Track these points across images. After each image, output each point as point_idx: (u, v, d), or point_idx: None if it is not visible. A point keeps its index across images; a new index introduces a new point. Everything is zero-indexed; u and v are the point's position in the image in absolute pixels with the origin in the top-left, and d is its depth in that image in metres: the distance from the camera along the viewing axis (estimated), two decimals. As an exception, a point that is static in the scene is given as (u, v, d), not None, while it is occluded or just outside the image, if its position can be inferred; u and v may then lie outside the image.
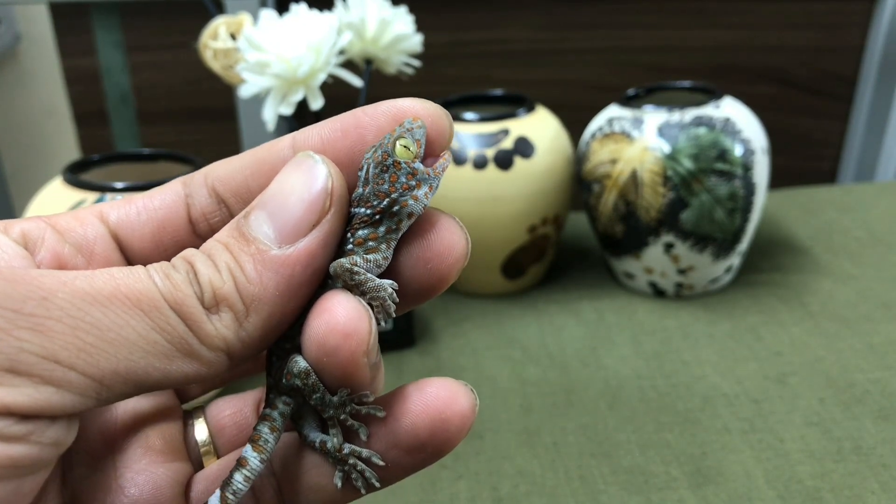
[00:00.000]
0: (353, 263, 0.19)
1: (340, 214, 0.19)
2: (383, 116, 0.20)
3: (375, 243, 0.20)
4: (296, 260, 0.18)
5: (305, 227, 0.18)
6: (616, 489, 0.42)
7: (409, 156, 0.19)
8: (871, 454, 0.43)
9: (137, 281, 0.18)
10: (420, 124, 0.20)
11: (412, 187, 0.20)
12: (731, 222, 0.57)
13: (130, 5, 0.88)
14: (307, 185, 0.19)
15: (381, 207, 0.19)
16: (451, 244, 0.20)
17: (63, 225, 0.21)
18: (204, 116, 0.93)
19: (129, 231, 0.21)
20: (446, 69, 0.93)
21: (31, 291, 0.16)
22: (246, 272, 0.18)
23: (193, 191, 0.21)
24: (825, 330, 0.55)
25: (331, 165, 0.19)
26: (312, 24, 0.49)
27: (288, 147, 0.21)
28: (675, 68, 0.96)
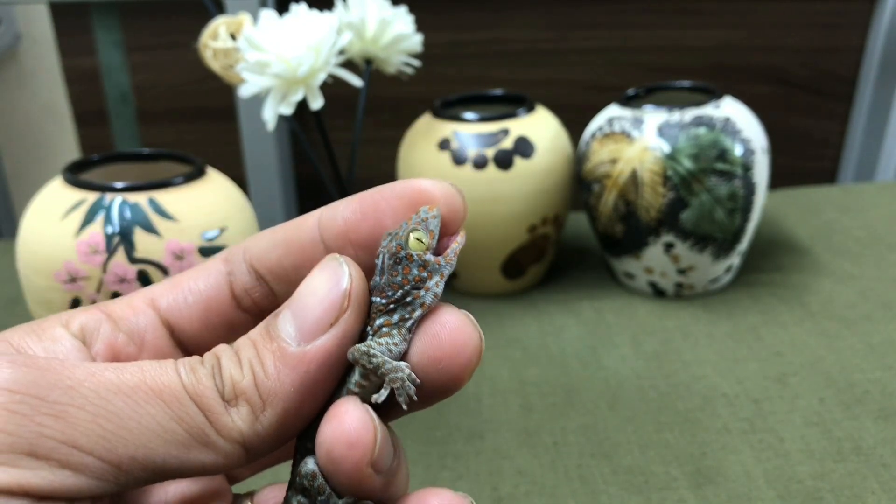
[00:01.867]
0: (368, 346, 0.20)
1: (358, 315, 0.20)
2: (399, 201, 0.21)
3: (388, 328, 0.20)
4: (312, 357, 0.19)
5: (323, 326, 0.19)
6: (616, 489, 0.42)
7: (422, 248, 0.20)
8: (871, 454, 0.43)
9: (163, 374, 0.19)
10: (435, 213, 0.20)
11: (424, 279, 0.20)
12: (731, 222, 0.57)
13: (130, 5, 0.88)
14: (328, 285, 0.20)
15: (394, 298, 0.20)
16: (463, 343, 0.20)
17: (118, 313, 0.22)
18: (204, 116, 0.93)
19: (178, 316, 0.22)
20: (446, 69, 0.93)
21: (58, 380, 0.17)
22: (265, 368, 0.19)
23: (234, 268, 0.22)
24: (825, 330, 0.55)
25: (352, 266, 0.20)
26: (312, 24, 0.49)
27: (314, 226, 0.21)
28: (675, 68, 0.96)
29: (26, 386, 0.17)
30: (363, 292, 0.20)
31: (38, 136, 1.40)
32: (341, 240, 0.21)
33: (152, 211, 0.44)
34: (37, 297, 0.45)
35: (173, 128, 0.94)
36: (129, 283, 0.44)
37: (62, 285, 0.44)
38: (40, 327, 0.21)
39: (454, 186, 0.21)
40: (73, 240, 0.43)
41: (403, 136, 0.64)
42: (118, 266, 0.43)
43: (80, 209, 0.44)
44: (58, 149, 1.43)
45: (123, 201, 0.44)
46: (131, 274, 0.44)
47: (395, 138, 0.69)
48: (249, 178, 0.90)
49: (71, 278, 0.44)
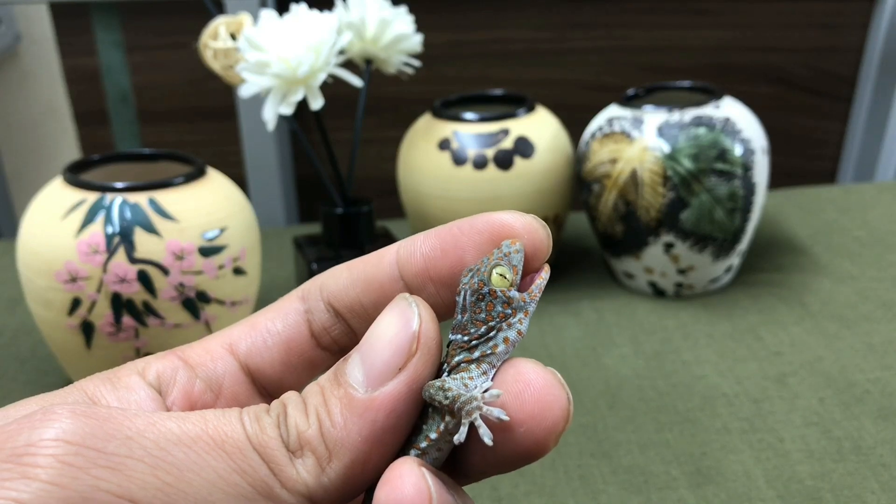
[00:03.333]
0: (442, 381, 0.19)
1: (428, 358, 0.19)
2: (480, 236, 0.20)
3: (467, 364, 0.19)
4: (380, 405, 0.18)
5: (392, 371, 0.18)
6: (616, 489, 0.42)
7: (505, 284, 0.19)
8: (870, 454, 0.44)
9: (226, 423, 0.18)
10: (518, 248, 0.19)
11: (508, 315, 0.19)
12: (730, 222, 0.57)
13: (130, 5, 0.88)
14: (396, 328, 0.19)
15: (477, 335, 0.19)
16: (548, 404, 0.18)
17: (195, 359, 0.21)
18: (204, 116, 0.93)
19: (258, 359, 0.21)
20: (446, 69, 0.93)
21: (117, 431, 0.17)
22: (332, 416, 0.18)
23: (312, 306, 0.22)
24: (825, 330, 0.55)
25: (422, 307, 0.19)
26: (312, 24, 0.49)
27: (392, 262, 0.21)
28: (675, 68, 0.96)
29: (83, 437, 0.16)
30: (434, 334, 0.19)
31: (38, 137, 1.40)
32: (421, 277, 0.20)
33: (152, 211, 0.44)
34: (37, 297, 0.46)
35: (173, 128, 0.94)
36: (130, 283, 0.44)
37: (62, 285, 0.44)
38: (115, 375, 0.21)
39: (537, 220, 0.20)
40: (74, 240, 0.43)
41: (403, 136, 0.64)
42: (118, 266, 0.44)
43: (80, 209, 0.44)
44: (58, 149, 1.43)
45: (124, 201, 0.44)
46: (132, 274, 0.44)
47: (395, 138, 0.69)
48: (249, 178, 0.90)
49: (71, 278, 0.44)
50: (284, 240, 0.71)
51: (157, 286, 0.44)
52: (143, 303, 0.44)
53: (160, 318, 0.45)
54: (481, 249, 0.20)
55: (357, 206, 0.57)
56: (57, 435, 0.16)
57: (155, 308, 0.45)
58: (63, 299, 0.44)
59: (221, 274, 0.46)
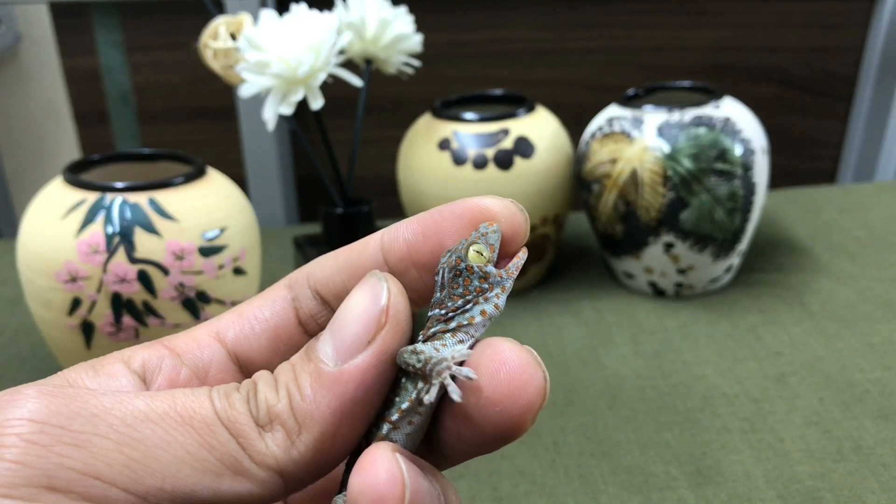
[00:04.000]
0: (415, 346, 0.19)
1: (398, 330, 0.19)
2: (460, 220, 0.20)
3: (442, 334, 0.19)
4: (349, 377, 0.18)
5: (361, 344, 0.18)
6: (616, 489, 0.42)
7: (482, 261, 0.19)
8: (870, 454, 0.44)
9: (195, 400, 0.18)
10: (495, 229, 0.20)
11: (485, 290, 0.20)
12: (730, 222, 0.57)
13: (130, 5, 0.88)
14: (365, 302, 0.19)
15: (454, 308, 0.20)
16: (524, 382, 0.18)
17: (181, 348, 0.21)
18: (204, 116, 0.93)
19: (246, 346, 0.22)
20: (446, 69, 0.93)
21: (83, 409, 0.17)
22: (301, 390, 0.18)
23: (299, 293, 0.22)
24: (825, 330, 0.55)
25: (391, 282, 0.19)
26: (312, 24, 0.49)
27: (377, 249, 0.21)
28: (675, 68, 0.96)
29: (48, 415, 0.16)
30: (402, 307, 0.19)
31: (38, 137, 1.40)
32: (404, 262, 0.21)
33: (152, 211, 0.44)
34: (37, 297, 0.46)
35: (173, 128, 0.94)
36: (130, 282, 0.44)
37: (62, 285, 0.44)
38: (99, 363, 0.20)
39: (515, 204, 0.20)
40: (74, 240, 0.43)
41: (403, 136, 0.64)
42: (118, 266, 0.44)
43: (80, 209, 0.44)
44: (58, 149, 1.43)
45: (124, 201, 0.44)
46: (132, 274, 0.44)
47: (395, 138, 0.69)
48: (249, 178, 0.90)
49: (71, 278, 0.44)
50: (284, 240, 0.71)
51: (157, 286, 0.44)
52: (143, 303, 0.44)
53: (160, 318, 0.45)
54: (461, 233, 0.20)
55: (357, 206, 0.57)
56: (21, 414, 0.16)
57: (155, 308, 0.45)
58: (63, 299, 0.44)
59: (221, 274, 0.46)
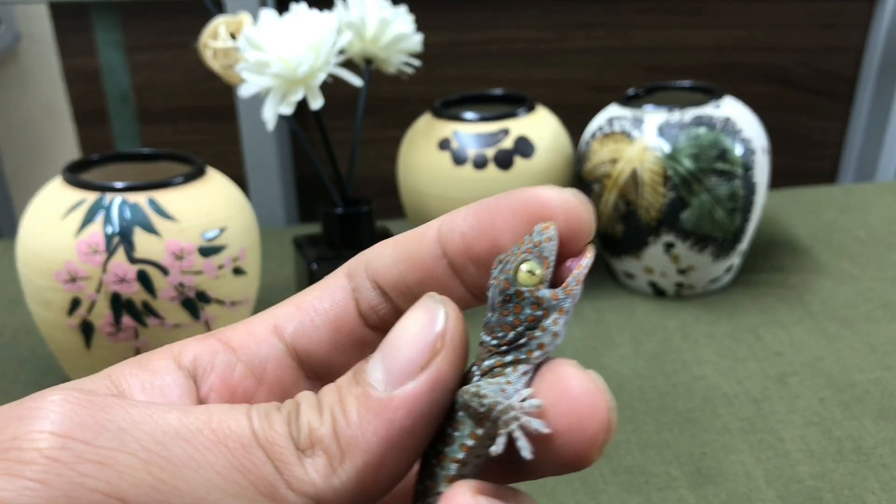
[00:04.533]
0: (478, 387, 0.17)
1: (454, 359, 0.17)
2: (514, 216, 0.18)
3: (501, 369, 0.18)
4: (399, 404, 0.17)
5: (414, 370, 0.17)
6: (616, 489, 0.42)
7: (534, 281, 0.17)
8: (871, 454, 0.43)
9: (231, 417, 0.17)
10: (550, 235, 0.17)
11: (538, 318, 0.17)
12: (731, 222, 0.57)
13: (130, 5, 0.88)
14: (420, 325, 0.18)
15: (506, 340, 0.18)
16: (586, 414, 0.16)
17: (236, 342, 0.20)
18: (204, 116, 0.93)
19: (306, 340, 0.20)
20: (446, 69, 0.93)
21: (109, 422, 0.16)
22: (347, 414, 0.17)
23: (358, 284, 0.20)
24: (825, 330, 0.55)
25: (450, 306, 0.18)
26: (312, 24, 0.49)
27: (434, 240, 0.19)
28: (675, 68, 0.96)
29: (72, 428, 0.15)
30: (460, 334, 0.18)
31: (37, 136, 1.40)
32: (461, 257, 0.19)
33: (152, 211, 0.44)
34: (37, 297, 0.45)
35: (173, 128, 0.94)
36: (129, 282, 0.44)
37: (62, 285, 0.44)
38: (147, 359, 0.19)
39: (577, 195, 0.18)
40: (73, 240, 0.43)
41: (403, 136, 0.64)
42: (118, 266, 0.43)
43: (80, 209, 0.44)
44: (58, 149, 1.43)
45: (123, 201, 0.44)
46: (131, 274, 0.44)
47: (395, 138, 0.69)
48: (249, 178, 0.90)
49: (71, 278, 0.44)
50: (284, 240, 0.71)
51: (156, 286, 0.44)
52: (142, 303, 0.44)
53: (160, 318, 0.45)
54: (516, 231, 0.18)
55: (357, 206, 0.57)
56: (44, 426, 0.15)
57: (154, 308, 0.45)
58: (63, 299, 0.44)
59: (221, 274, 0.46)
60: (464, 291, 0.20)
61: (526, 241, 0.18)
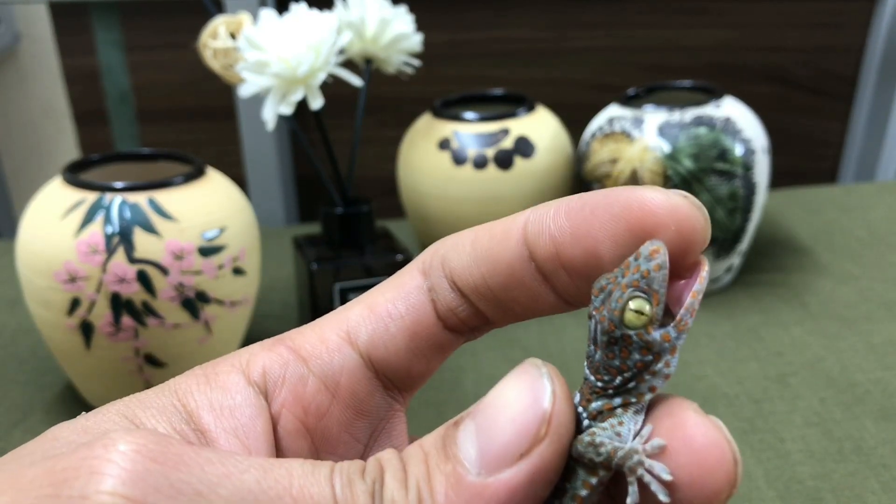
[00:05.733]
0: (592, 434, 0.16)
1: (559, 446, 0.15)
2: (616, 224, 0.16)
3: (611, 412, 0.16)
4: (493, 494, 0.15)
5: (512, 456, 0.15)
6: (616, 489, 0.42)
7: (643, 322, 0.15)
8: (871, 454, 0.43)
9: (314, 484, 0.15)
10: (660, 261, 0.15)
11: (648, 363, 0.16)
12: (731, 222, 0.57)
13: (130, 5, 0.88)
14: (523, 403, 0.15)
15: (613, 385, 0.16)
16: (709, 467, 0.15)
17: (308, 351, 0.19)
18: (204, 116, 0.93)
19: (382, 349, 0.19)
20: (446, 69, 0.93)
21: (185, 484, 0.14)
22: (435, 495, 0.15)
23: (435, 283, 0.19)
24: (826, 330, 0.55)
25: (557, 382, 0.15)
26: (312, 24, 0.49)
27: (520, 241, 0.17)
28: (676, 68, 0.96)
29: (143, 491, 0.14)
30: (567, 419, 0.15)
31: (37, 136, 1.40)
32: (552, 262, 0.17)
33: (152, 211, 0.44)
34: (36, 297, 0.45)
35: (173, 127, 0.94)
36: (129, 283, 0.44)
37: (62, 285, 0.44)
38: (214, 373, 0.18)
39: (689, 198, 0.16)
40: (73, 240, 0.43)
41: (403, 136, 0.64)
42: (118, 266, 0.43)
43: (79, 209, 0.44)
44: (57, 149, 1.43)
45: (123, 201, 0.44)
46: (131, 274, 0.44)
47: (395, 138, 0.69)
48: (249, 177, 0.90)
49: (70, 278, 0.44)
50: (284, 240, 0.71)
51: (156, 286, 0.44)
52: (142, 303, 0.44)
53: (159, 318, 0.45)
54: (617, 241, 0.16)
55: (357, 206, 0.57)
56: (114, 488, 0.14)
57: (154, 308, 0.45)
58: (62, 299, 0.44)
59: (221, 274, 0.46)
60: (554, 298, 0.18)
61: (631, 265, 0.15)
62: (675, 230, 0.16)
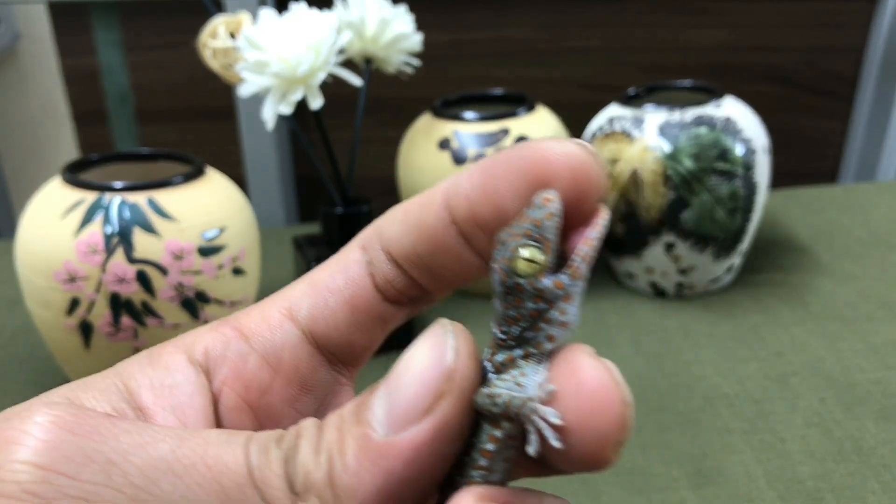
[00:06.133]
0: (491, 387, 0.16)
1: (462, 401, 0.15)
2: (517, 177, 0.16)
3: (513, 363, 0.16)
4: (398, 452, 0.15)
5: (416, 414, 0.15)
6: (617, 490, 0.42)
7: (535, 270, 0.15)
8: (872, 454, 0.43)
9: (229, 452, 0.15)
10: (553, 209, 0.15)
11: (542, 311, 0.16)
12: (731, 222, 0.57)
13: (130, 4, 0.88)
14: (426, 361, 0.15)
15: (512, 335, 0.16)
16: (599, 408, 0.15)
17: (251, 328, 0.19)
18: (203, 116, 0.93)
19: (322, 323, 0.19)
20: (446, 68, 0.93)
21: (98, 452, 0.14)
22: (345, 458, 0.15)
23: (373, 256, 0.19)
24: (826, 330, 0.55)
25: (461, 339, 0.15)
26: (312, 23, 0.49)
27: (441, 205, 0.17)
28: (676, 67, 0.96)
29: (55, 460, 0.14)
30: (470, 374, 0.15)
31: (36, 136, 1.40)
32: (470, 223, 0.17)
33: (151, 211, 0.44)
34: (36, 297, 0.45)
35: (172, 127, 0.94)
36: (129, 283, 0.44)
37: (61, 285, 0.44)
38: (158, 353, 0.18)
39: (584, 146, 0.16)
40: (73, 240, 0.43)
41: (403, 135, 0.64)
42: (117, 266, 0.43)
43: (79, 209, 0.44)
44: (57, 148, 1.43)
45: (122, 201, 0.44)
46: (130, 274, 0.44)
47: (395, 138, 0.69)
48: (249, 177, 0.90)
49: (70, 278, 0.43)
50: (284, 239, 0.71)
51: (155, 286, 0.44)
52: (141, 303, 0.44)
53: (159, 318, 0.45)
54: (520, 195, 0.16)
55: (357, 205, 0.57)
56: (27, 457, 0.14)
57: (154, 308, 0.45)
58: (62, 299, 0.44)
59: (221, 274, 0.46)
60: (479, 261, 0.18)
61: (525, 215, 0.15)
62: (570, 178, 0.16)
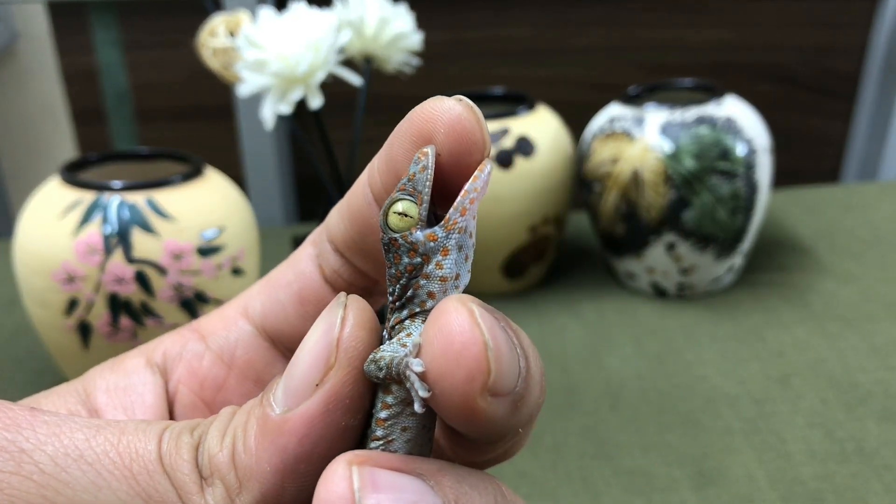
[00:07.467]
0: (374, 352, 0.15)
1: (352, 371, 0.15)
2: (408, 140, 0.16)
3: (400, 325, 0.16)
4: (291, 428, 0.15)
5: (308, 388, 0.15)
6: (618, 491, 0.42)
7: (407, 223, 0.15)
8: (874, 455, 0.43)
9: (141, 439, 0.16)
10: (426, 163, 0.15)
11: (417, 266, 0.15)
12: (733, 222, 0.57)
13: (128, 4, 0.87)
14: (316, 335, 0.15)
15: (396, 295, 0.16)
16: (458, 351, 0.14)
17: (208, 329, 0.19)
18: (202, 115, 0.93)
19: (273, 318, 0.19)
20: (446, 68, 0.93)
21: (9, 443, 0.15)
22: (246, 439, 0.15)
23: (322, 249, 0.19)
24: (828, 330, 0.55)
25: (352, 309, 0.15)
26: (311, 22, 0.49)
27: (365, 185, 0.18)
28: (677, 67, 0.95)
29: None
30: (358, 343, 0.15)
31: (35, 135, 1.40)
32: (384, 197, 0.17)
33: (150, 210, 0.44)
34: (35, 298, 0.45)
35: (171, 127, 0.94)
36: (128, 283, 0.43)
37: (60, 285, 0.44)
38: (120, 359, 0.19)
39: (462, 101, 0.16)
40: (71, 239, 0.43)
41: (403, 135, 0.63)
42: (116, 266, 0.43)
43: (77, 209, 0.44)
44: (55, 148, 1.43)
45: (121, 201, 0.44)
46: (129, 274, 0.43)
47: (394, 137, 0.69)
48: (248, 177, 0.90)
49: (69, 278, 0.43)
50: (283, 239, 0.70)
51: (154, 286, 0.44)
52: (140, 303, 0.44)
53: (158, 319, 0.45)
54: (410, 157, 0.16)
55: (356, 205, 0.57)
56: None
57: (153, 308, 0.44)
58: (60, 299, 0.44)
59: (220, 274, 0.46)
60: None
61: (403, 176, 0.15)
62: (448, 133, 0.15)
